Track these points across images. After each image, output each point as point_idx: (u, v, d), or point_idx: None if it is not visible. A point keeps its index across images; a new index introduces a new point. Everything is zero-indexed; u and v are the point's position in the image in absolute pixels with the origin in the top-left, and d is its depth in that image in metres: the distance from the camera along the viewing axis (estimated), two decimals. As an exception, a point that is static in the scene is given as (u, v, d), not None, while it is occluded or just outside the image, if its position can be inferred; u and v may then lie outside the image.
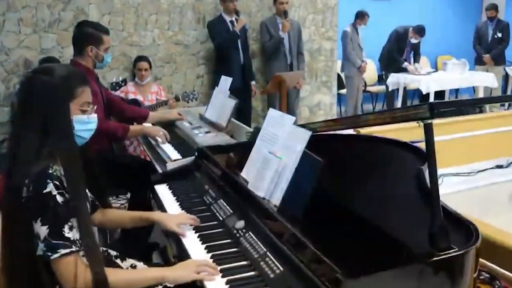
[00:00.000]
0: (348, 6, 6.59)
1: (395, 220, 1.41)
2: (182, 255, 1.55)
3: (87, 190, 1.53)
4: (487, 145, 2.87)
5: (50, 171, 1.35)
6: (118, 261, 1.69)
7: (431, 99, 6.30)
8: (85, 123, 1.48)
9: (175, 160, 2.40)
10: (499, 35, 6.94)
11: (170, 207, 1.91)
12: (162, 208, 1.93)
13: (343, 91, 6.62)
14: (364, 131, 2.45)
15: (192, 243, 1.60)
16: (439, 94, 6.71)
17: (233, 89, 3.09)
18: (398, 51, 6.69)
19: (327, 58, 5.40)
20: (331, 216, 1.47)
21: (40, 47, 4.09)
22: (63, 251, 1.31)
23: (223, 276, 1.37)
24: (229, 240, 1.57)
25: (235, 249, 1.51)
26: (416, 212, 1.40)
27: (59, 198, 1.33)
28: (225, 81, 3.09)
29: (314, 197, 1.44)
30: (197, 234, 1.64)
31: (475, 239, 1.21)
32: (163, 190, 2.10)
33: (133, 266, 1.68)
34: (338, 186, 1.63)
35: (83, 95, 1.47)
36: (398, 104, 6.80)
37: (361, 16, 6.30)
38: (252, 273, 1.37)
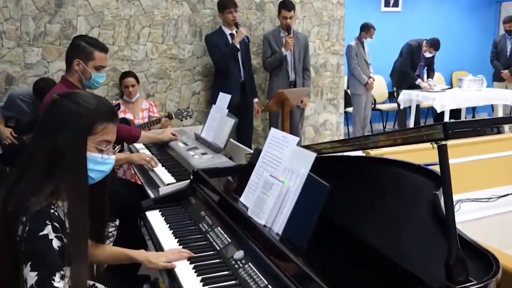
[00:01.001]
0: (355, 18, 6.69)
1: (408, 250, 1.41)
2: (176, 288, 1.54)
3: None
4: (507, 169, 2.88)
5: (51, 211, 1.34)
6: (106, 296, 1.68)
7: (446, 118, 6.32)
8: (97, 163, 1.45)
9: (168, 184, 2.40)
10: (519, 49, 7.02)
11: (163, 236, 1.91)
12: (153, 237, 1.93)
13: (351, 109, 6.66)
14: (374, 153, 2.46)
15: (187, 275, 1.59)
16: (455, 113, 6.74)
17: (232, 106, 3.12)
18: (411, 66, 6.74)
19: (334, 74, 5.45)
20: (338, 245, 1.47)
21: (24, 61, 4.14)
22: None
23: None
24: (227, 272, 1.57)
25: (233, 282, 1.50)
26: (431, 241, 1.40)
27: (55, 243, 1.32)
28: (224, 98, 3.11)
29: (319, 224, 1.44)
30: (192, 265, 1.63)
31: (495, 271, 1.21)
32: (155, 217, 2.09)
33: None
34: (346, 212, 1.63)
35: (104, 132, 1.44)
36: (411, 123, 6.83)
37: (366, 29, 6.37)
38: (252, 308, 1.36)
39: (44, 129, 1.42)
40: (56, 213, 1.36)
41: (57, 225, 1.34)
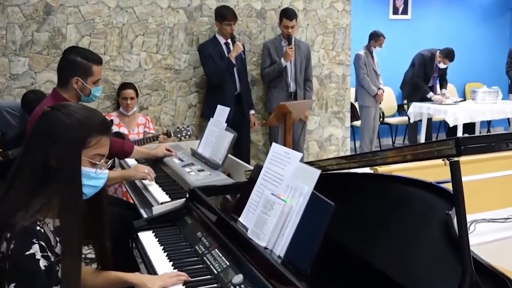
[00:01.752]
0: (362, 27, 6.75)
1: (418, 274, 1.41)
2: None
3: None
4: (525, 187, 2.88)
5: (37, 228, 1.35)
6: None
7: (459, 133, 6.34)
8: (91, 178, 1.47)
9: (162, 203, 2.40)
10: (536, 59, 7.06)
11: (156, 258, 1.90)
12: (146, 260, 1.92)
13: (358, 123, 6.68)
14: (382, 169, 2.46)
15: (182, 301, 1.58)
16: (469, 127, 6.75)
17: (227, 120, 3.12)
18: (424, 77, 6.77)
19: (339, 85, 5.47)
20: (344, 269, 1.46)
21: (10, 72, 4.17)
22: None
23: None
24: (225, 298, 1.56)
25: (232, 308, 1.50)
26: (443, 264, 1.40)
27: (42, 263, 1.32)
28: (222, 111, 3.13)
29: (324, 246, 1.44)
30: (188, 291, 1.63)
31: (513, 297, 1.21)
32: (148, 238, 2.09)
33: None
34: (352, 234, 1.63)
35: (97, 146, 1.46)
36: (421, 138, 6.84)
37: (375, 37, 6.41)
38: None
39: (35, 143, 1.43)
40: (43, 230, 1.37)
41: (43, 244, 1.34)
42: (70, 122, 1.43)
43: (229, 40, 4.56)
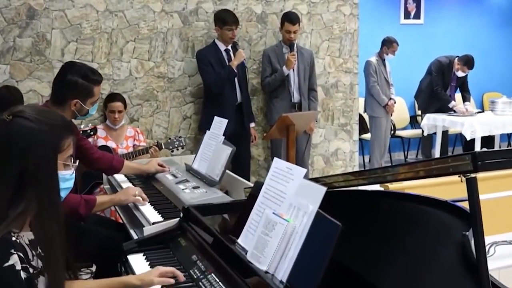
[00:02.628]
0: (371, 32, 6.79)
1: (434, 301, 1.40)
2: None
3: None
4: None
5: (13, 239, 1.37)
6: None
7: (477, 147, 6.34)
8: (66, 181, 1.57)
9: (154, 223, 2.40)
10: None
11: (147, 284, 1.90)
12: (137, 285, 1.92)
13: (367, 136, 6.69)
14: (394, 186, 2.46)
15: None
16: (487, 141, 6.76)
17: (228, 133, 3.13)
18: (442, 86, 6.78)
19: (346, 95, 5.49)
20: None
21: (-11, 81, 4.19)
22: None
23: None
24: (222, 327, 1.56)
25: (230, 339, 1.49)
26: (460, 290, 1.40)
27: (23, 275, 1.35)
28: (219, 124, 3.14)
29: (330, 270, 1.44)
30: (182, 319, 1.63)
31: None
32: (138, 262, 2.09)
33: None
34: (361, 256, 1.62)
35: (69, 148, 1.54)
36: (436, 153, 6.84)
37: (388, 44, 6.45)
38: None
39: (5, 153, 1.44)
40: (18, 241, 1.39)
41: (21, 254, 1.37)
42: (40, 127, 1.46)
43: (229, 47, 4.58)
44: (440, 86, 6.75)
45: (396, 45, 6.45)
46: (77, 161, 1.61)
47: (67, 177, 1.56)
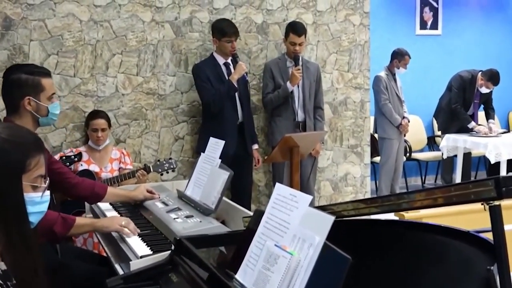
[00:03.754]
0: (383, 44, 6.84)
1: None
2: None
3: None
4: None
5: None
6: None
7: (502, 172, 6.33)
8: (35, 204, 1.55)
9: (142, 257, 2.39)
10: None
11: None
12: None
13: (379, 159, 6.69)
14: (409, 215, 2.46)
15: None
16: (514, 164, 6.76)
17: (227, 156, 3.14)
18: (463, 104, 6.79)
19: (356, 113, 5.50)
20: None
21: (-40, 98, 4.20)
22: None
23: None
24: None
25: None
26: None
27: None
28: (215, 145, 3.14)
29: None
30: None
31: None
32: (124, 300, 2.08)
33: None
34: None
35: (37, 167, 1.53)
36: (457, 177, 6.84)
37: (399, 56, 6.48)
38: None
39: None
40: None
41: None
42: (3, 146, 1.46)
43: (229, 60, 4.61)
44: (460, 103, 6.77)
45: (408, 57, 6.47)
46: (47, 181, 1.60)
47: (36, 200, 1.54)
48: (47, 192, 1.59)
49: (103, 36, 4.54)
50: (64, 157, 4.04)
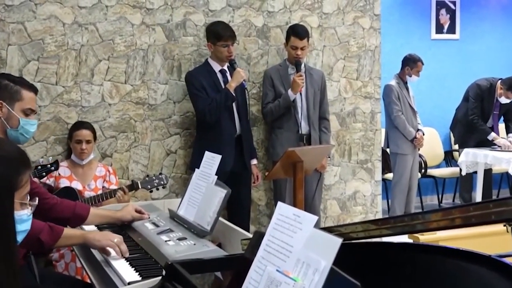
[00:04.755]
0: (396, 49, 6.86)
1: None
2: None
3: None
4: None
5: None
6: None
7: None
8: (23, 222, 1.60)
9: (130, 283, 2.39)
10: None
11: None
12: None
13: (391, 175, 6.68)
14: (425, 238, 2.46)
15: None
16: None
17: (224, 172, 3.14)
18: (481, 115, 6.80)
19: (366, 125, 5.51)
20: None
21: None
22: None
23: None
24: None
25: None
26: None
27: None
28: (211, 160, 3.14)
29: None
30: None
31: None
32: (110, 331, 2.08)
33: None
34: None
35: (27, 184, 1.58)
36: (478, 196, 6.83)
37: (411, 63, 6.48)
38: None
39: None
40: None
41: None
42: None
43: (226, 67, 4.62)
44: (477, 114, 6.78)
45: (421, 64, 6.46)
46: (36, 198, 1.64)
47: (24, 218, 1.59)
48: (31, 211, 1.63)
49: (88, 41, 4.55)
50: (39, 167, 3.98)
